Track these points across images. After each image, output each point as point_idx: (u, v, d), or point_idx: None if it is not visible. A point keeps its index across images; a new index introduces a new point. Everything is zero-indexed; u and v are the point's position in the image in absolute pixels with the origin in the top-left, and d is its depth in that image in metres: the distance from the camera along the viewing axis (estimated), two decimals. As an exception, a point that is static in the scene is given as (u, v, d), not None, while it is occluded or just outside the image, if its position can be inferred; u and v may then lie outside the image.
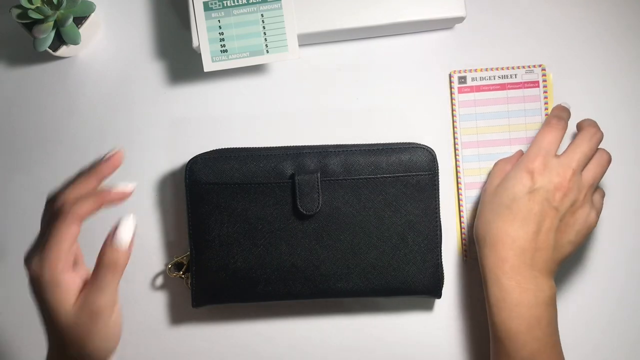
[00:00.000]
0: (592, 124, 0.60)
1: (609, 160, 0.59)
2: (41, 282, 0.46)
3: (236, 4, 0.60)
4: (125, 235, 0.48)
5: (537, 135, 0.60)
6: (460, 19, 0.62)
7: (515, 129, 0.63)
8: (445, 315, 0.64)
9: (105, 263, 0.47)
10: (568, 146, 0.59)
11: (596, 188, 0.59)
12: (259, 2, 0.60)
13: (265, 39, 0.60)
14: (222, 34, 0.60)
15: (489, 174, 0.62)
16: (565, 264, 0.61)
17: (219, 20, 0.60)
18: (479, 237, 0.58)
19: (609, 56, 0.65)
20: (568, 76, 0.65)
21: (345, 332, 0.64)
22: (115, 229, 0.48)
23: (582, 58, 0.65)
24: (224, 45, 0.60)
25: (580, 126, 0.61)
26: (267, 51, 0.60)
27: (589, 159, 0.58)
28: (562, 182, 0.55)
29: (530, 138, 0.63)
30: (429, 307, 0.64)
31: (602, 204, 0.59)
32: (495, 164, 0.62)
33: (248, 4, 0.60)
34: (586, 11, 0.65)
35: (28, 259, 0.47)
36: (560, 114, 0.60)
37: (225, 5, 0.60)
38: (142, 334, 0.64)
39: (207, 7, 0.60)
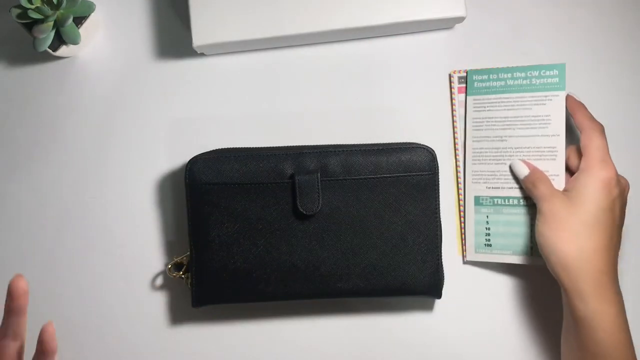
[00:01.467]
0: (592, 124, 0.59)
1: None
2: None
3: (506, 204, 0.62)
4: None
5: (589, 144, 0.57)
6: (460, 19, 0.62)
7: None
8: (445, 315, 0.64)
9: None
10: (592, 146, 0.57)
11: None
12: (527, 205, 0.62)
13: (532, 242, 0.62)
14: (489, 229, 0.63)
15: (540, 195, 0.58)
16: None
17: (487, 216, 0.63)
18: (570, 266, 0.55)
19: (610, 56, 0.65)
20: (568, 76, 0.64)
21: (345, 332, 0.64)
22: None
23: (582, 58, 0.65)
24: (489, 240, 0.63)
25: (582, 126, 0.59)
26: (532, 253, 0.61)
27: None
28: (623, 182, 0.58)
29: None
30: (429, 307, 0.64)
31: None
32: (536, 183, 0.59)
33: (518, 205, 0.62)
34: (587, 11, 0.65)
35: None
36: (592, 118, 0.59)
37: (495, 203, 0.62)
38: (142, 334, 0.64)
39: (477, 202, 0.63)
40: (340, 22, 0.61)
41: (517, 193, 0.62)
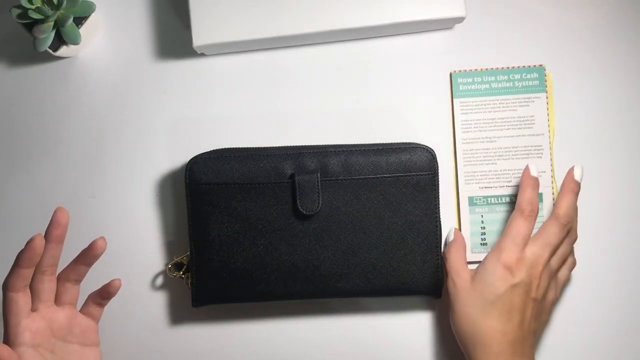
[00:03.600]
0: (524, 205, 0.59)
1: (575, 240, 0.61)
2: None
3: (499, 202, 0.63)
4: None
5: (510, 224, 0.59)
6: (460, 19, 0.62)
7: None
8: (445, 315, 0.64)
9: None
10: (539, 232, 0.58)
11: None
12: None
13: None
14: (484, 228, 0.63)
15: (448, 268, 0.60)
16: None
17: (482, 216, 0.63)
18: (465, 336, 0.57)
19: (610, 56, 0.65)
20: (568, 76, 0.65)
21: (345, 332, 0.64)
22: None
23: (582, 58, 0.65)
24: (485, 239, 0.63)
25: (517, 204, 0.60)
26: None
27: (558, 247, 0.59)
28: (537, 274, 0.57)
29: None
30: (429, 307, 0.64)
31: (569, 276, 0.62)
32: (448, 256, 0.60)
33: (511, 202, 0.63)
34: (587, 11, 0.65)
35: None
36: (532, 198, 0.59)
37: (489, 202, 0.63)
38: (142, 334, 0.64)
39: (471, 202, 0.63)
40: (339, 22, 0.61)
41: (509, 191, 0.63)
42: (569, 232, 0.60)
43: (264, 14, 0.61)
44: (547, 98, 0.64)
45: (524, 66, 0.64)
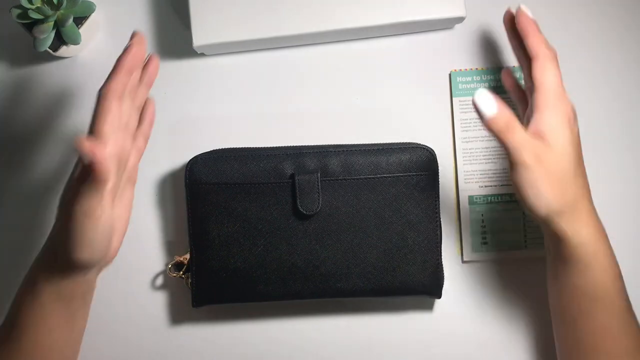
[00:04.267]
0: (548, 52, 0.54)
1: None
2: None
3: (499, 200, 0.63)
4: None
5: (547, 73, 0.53)
6: (460, 19, 0.62)
7: None
8: (445, 315, 0.64)
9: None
10: (549, 79, 0.53)
11: None
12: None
13: (525, 235, 0.63)
14: (484, 227, 0.63)
15: (516, 149, 0.50)
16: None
17: (482, 215, 0.63)
18: (560, 210, 0.51)
19: (610, 56, 0.65)
20: (568, 76, 0.64)
21: (345, 332, 0.64)
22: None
23: (582, 57, 0.65)
24: (485, 238, 0.63)
25: (536, 52, 0.54)
26: (526, 246, 0.63)
27: None
28: (573, 106, 0.54)
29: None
30: (429, 307, 0.64)
31: None
32: (508, 132, 0.50)
33: (511, 201, 0.63)
34: (587, 11, 0.65)
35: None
36: (545, 39, 0.55)
37: (489, 201, 0.63)
38: (142, 334, 0.64)
39: (471, 202, 0.63)
40: (339, 22, 0.61)
41: (509, 190, 0.63)
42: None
43: (264, 14, 0.61)
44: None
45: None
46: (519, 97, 0.60)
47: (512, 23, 0.57)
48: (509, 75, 0.61)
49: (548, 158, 0.51)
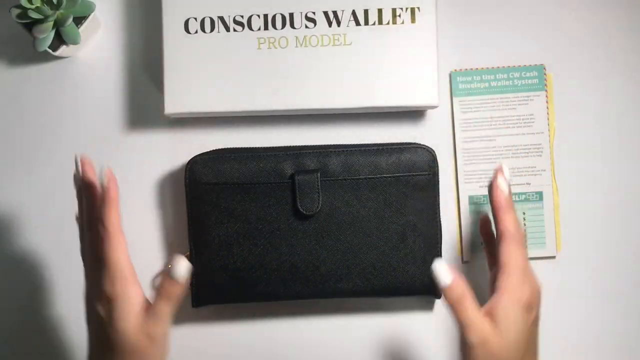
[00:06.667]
0: (516, 234, 0.54)
1: None
2: (109, 292, 0.51)
3: None
4: (182, 269, 0.51)
5: (509, 255, 0.53)
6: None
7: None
8: (445, 315, 0.64)
9: (163, 294, 0.51)
10: (513, 262, 0.52)
11: None
12: (522, 201, 0.63)
13: (525, 235, 0.63)
14: None
15: (466, 325, 0.50)
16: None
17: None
18: None
19: (610, 56, 0.65)
20: (568, 76, 0.65)
21: (345, 332, 0.64)
22: (171, 264, 0.51)
23: (582, 58, 0.65)
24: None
25: (503, 232, 0.54)
26: (526, 246, 0.60)
27: None
28: (536, 288, 0.53)
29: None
30: (429, 307, 0.64)
31: None
32: (460, 306, 0.51)
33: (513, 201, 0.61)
34: (587, 11, 0.65)
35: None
36: (517, 220, 0.54)
37: (489, 201, 0.59)
38: (142, 334, 0.64)
39: (472, 202, 0.63)
40: (314, 101, 0.61)
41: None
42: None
43: (238, 88, 0.61)
44: (546, 96, 0.64)
45: (523, 65, 0.64)
46: (491, 250, 0.60)
47: (486, 228, 0.61)
48: (485, 224, 0.61)
49: (494, 342, 0.50)
